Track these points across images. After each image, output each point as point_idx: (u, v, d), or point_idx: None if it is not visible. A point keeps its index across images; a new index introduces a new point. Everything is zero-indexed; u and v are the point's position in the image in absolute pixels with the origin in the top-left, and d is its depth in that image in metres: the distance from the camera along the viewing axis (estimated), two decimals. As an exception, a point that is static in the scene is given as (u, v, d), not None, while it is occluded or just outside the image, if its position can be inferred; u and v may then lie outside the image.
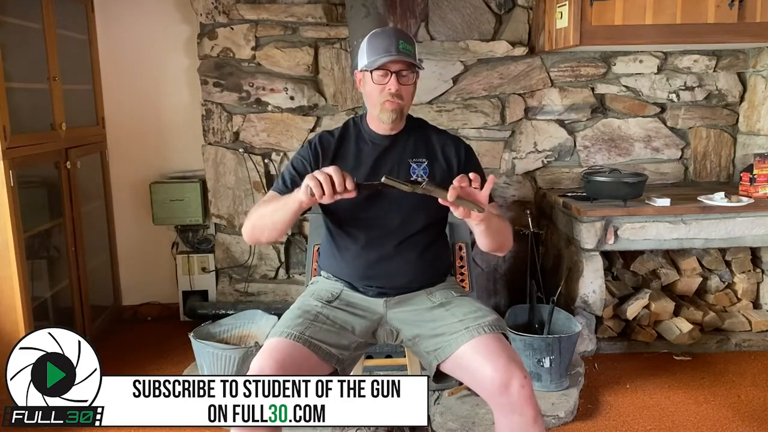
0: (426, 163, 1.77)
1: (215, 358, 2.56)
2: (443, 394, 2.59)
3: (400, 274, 1.78)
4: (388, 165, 1.76)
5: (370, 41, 1.71)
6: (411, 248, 1.78)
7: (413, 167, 1.76)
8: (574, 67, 3.35)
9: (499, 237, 1.70)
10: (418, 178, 1.74)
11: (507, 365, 1.54)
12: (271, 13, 3.21)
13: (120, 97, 3.46)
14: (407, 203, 1.72)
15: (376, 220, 1.75)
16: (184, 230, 3.54)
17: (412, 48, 1.71)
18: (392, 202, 1.73)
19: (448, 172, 1.75)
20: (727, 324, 3.18)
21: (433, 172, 1.76)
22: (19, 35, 2.67)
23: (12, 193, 2.43)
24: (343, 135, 1.81)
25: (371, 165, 1.76)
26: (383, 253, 1.77)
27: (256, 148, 3.36)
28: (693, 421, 2.48)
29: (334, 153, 1.77)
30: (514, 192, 3.46)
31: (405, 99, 1.73)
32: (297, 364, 1.59)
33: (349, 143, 1.80)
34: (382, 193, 1.69)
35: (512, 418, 1.54)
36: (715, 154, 3.50)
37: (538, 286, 3.00)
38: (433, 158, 1.78)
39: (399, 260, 1.77)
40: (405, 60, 1.67)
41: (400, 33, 1.72)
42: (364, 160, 1.77)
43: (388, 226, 1.76)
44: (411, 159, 1.77)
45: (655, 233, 2.92)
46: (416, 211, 1.75)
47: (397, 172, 1.74)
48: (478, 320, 1.67)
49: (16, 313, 2.49)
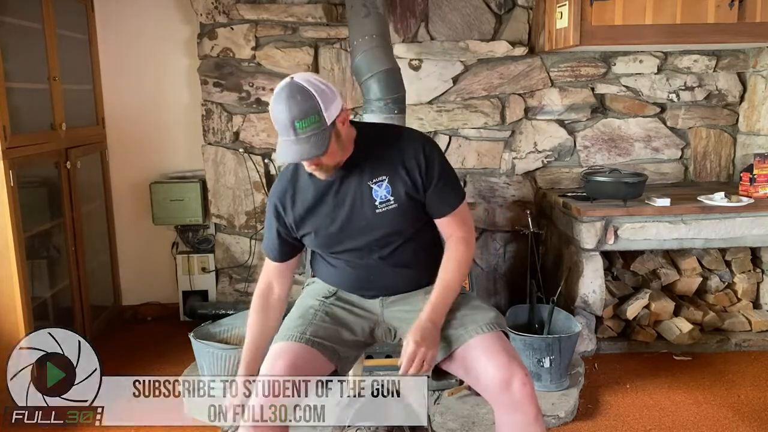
0: (387, 179, 1.67)
1: (215, 358, 2.56)
2: (443, 394, 2.59)
3: (393, 282, 1.77)
4: (349, 197, 1.68)
5: (272, 113, 1.57)
6: (398, 258, 1.75)
7: (374, 189, 1.67)
8: (574, 67, 3.35)
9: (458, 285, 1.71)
10: (380, 203, 1.68)
11: (508, 364, 1.54)
12: (271, 13, 3.21)
13: (120, 97, 3.46)
14: (376, 227, 1.69)
15: (356, 249, 1.73)
16: (184, 230, 3.54)
17: (312, 119, 1.52)
18: (362, 232, 1.70)
19: (411, 184, 1.67)
20: (727, 324, 3.18)
21: (396, 188, 1.67)
22: (19, 35, 2.67)
23: (12, 193, 2.43)
24: (295, 176, 1.73)
25: (333, 198, 1.69)
26: (371, 266, 1.75)
27: (256, 148, 3.36)
28: (693, 421, 2.48)
29: (292, 204, 1.72)
30: (514, 192, 3.46)
31: (327, 161, 1.59)
32: (309, 366, 1.60)
33: (303, 184, 1.71)
34: (354, 224, 1.69)
35: (513, 416, 1.54)
36: (715, 154, 3.50)
37: (538, 286, 3.00)
38: (393, 173, 1.67)
39: (388, 270, 1.75)
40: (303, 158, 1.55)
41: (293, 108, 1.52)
42: (325, 199, 1.69)
43: (368, 247, 1.73)
44: (370, 181, 1.67)
45: (655, 233, 2.92)
46: (391, 232, 1.71)
47: (360, 199, 1.68)
48: (478, 318, 1.67)
49: (16, 313, 2.49)
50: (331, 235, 1.71)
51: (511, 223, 3.44)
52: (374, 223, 1.68)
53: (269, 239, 1.81)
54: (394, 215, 1.68)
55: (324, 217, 1.70)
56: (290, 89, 1.54)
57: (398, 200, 1.67)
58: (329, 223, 1.70)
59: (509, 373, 1.53)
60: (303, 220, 1.72)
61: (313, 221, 1.71)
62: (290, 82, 1.55)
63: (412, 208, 1.69)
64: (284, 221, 1.75)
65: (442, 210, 1.72)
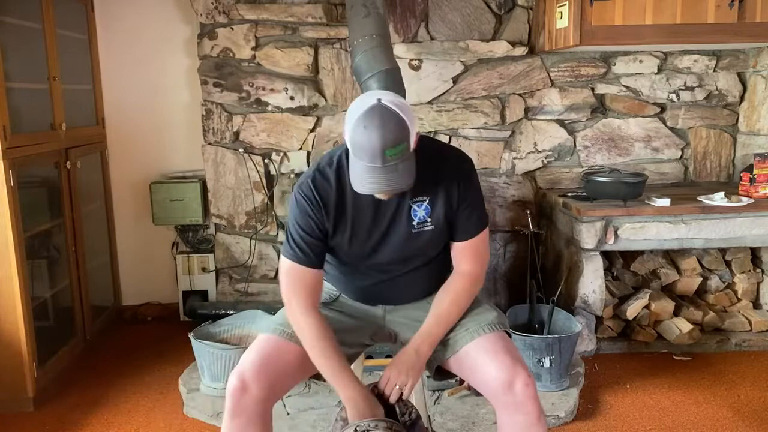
0: (427, 200, 1.63)
1: (215, 358, 2.56)
2: (443, 394, 2.59)
3: (399, 295, 1.76)
4: (389, 212, 1.63)
5: (356, 133, 1.45)
6: (413, 276, 1.73)
7: (414, 209, 1.63)
8: (574, 67, 3.35)
9: (453, 319, 1.67)
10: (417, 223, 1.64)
11: (512, 364, 1.54)
12: (271, 13, 3.21)
13: (120, 97, 3.46)
14: (407, 247, 1.66)
15: (377, 264, 1.70)
16: (184, 230, 3.54)
17: (402, 147, 1.44)
18: (392, 249, 1.66)
19: (448, 207, 1.64)
20: (727, 324, 3.18)
21: (435, 211, 1.64)
22: (19, 35, 2.67)
23: (12, 193, 2.43)
24: (339, 179, 1.61)
25: (372, 215, 1.63)
26: (383, 281, 1.73)
27: (256, 148, 3.36)
28: (693, 421, 2.48)
29: (335, 204, 1.61)
30: (514, 192, 3.46)
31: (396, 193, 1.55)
32: (285, 361, 1.59)
33: (347, 189, 1.61)
34: (389, 240, 1.64)
35: (516, 417, 1.54)
36: (715, 154, 3.50)
37: (538, 286, 3.00)
38: (434, 194, 1.63)
39: (400, 285, 1.74)
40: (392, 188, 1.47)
41: (387, 135, 1.42)
42: (365, 210, 1.63)
43: (389, 264, 1.70)
44: (411, 200, 1.62)
45: (655, 233, 2.92)
46: (418, 253, 1.69)
47: (399, 217, 1.63)
48: (481, 319, 1.67)
49: (16, 313, 2.49)
50: (364, 249, 1.66)
51: (511, 223, 3.44)
52: (406, 243, 1.65)
53: (305, 240, 1.60)
54: (428, 237, 1.66)
55: (361, 229, 1.63)
56: (382, 115, 1.43)
57: (435, 222, 1.64)
58: (365, 237, 1.64)
59: (512, 374, 1.53)
60: (341, 225, 1.63)
61: (349, 230, 1.63)
62: (380, 106, 1.44)
63: (445, 231, 1.67)
64: (323, 217, 1.61)
65: (462, 235, 1.68)
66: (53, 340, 2.83)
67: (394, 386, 1.56)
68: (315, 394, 2.60)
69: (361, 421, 1.48)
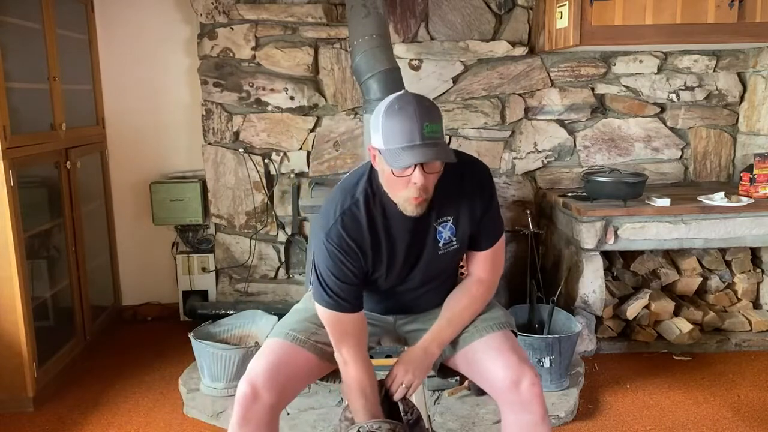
0: (451, 220, 1.59)
1: (215, 358, 2.56)
2: (443, 394, 2.59)
3: (416, 307, 1.75)
4: (419, 240, 1.59)
5: (389, 120, 1.40)
6: (431, 290, 1.72)
7: (439, 230, 1.59)
8: (574, 67, 3.35)
9: (465, 321, 1.66)
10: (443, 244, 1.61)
11: (518, 363, 1.54)
12: (271, 13, 3.21)
13: (120, 97, 3.46)
14: (433, 268, 1.64)
15: (412, 283, 1.67)
16: (184, 230, 3.54)
17: (439, 126, 1.40)
18: (420, 270, 1.63)
19: (473, 221, 1.61)
20: (727, 324, 3.18)
21: (460, 229, 1.60)
22: (19, 35, 2.67)
23: (12, 193, 2.43)
24: (369, 216, 1.54)
25: (405, 248, 1.58)
26: (399, 293, 1.71)
27: (256, 148, 3.36)
28: (693, 421, 2.48)
29: (370, 245, 1.54)
30: (514, 192, 3.46)
31: (431, 189, 1.47)
32: (295, 367, 1.58)
33: (377, 226, 1.55)
34: (419, 266, 1.61)
35: (521, 416, 1.54)
36: (715, 154, 3.50)
37: (538, 286, 3.00)
38: (458, 213, 1.60)
39: (417, 299, 1.72)
40: (434, 158, 1.39)
41: (423, 111, 1.39)
42: (397, 240, 1.57)
43: (412, 281, 1.67)
44: (436, 222, 1.58)
45: (655, 233, 2.92)
46: (441, 271, 1.68)
47: (426, 239, 1.60)
48: (487, 317, 1.67)
49: (16, 313, 2.49)
50: (399, 276, 1.63)
51: (511, 223, 3.44)
52: (432, 265, 1.62)
53: (342, 289, 1.53)
54: (453, 255, 1.64)
55: (398, 259, 1.59)
56: (414, 96, 1.42)
57: (460, 241, 1.62)
58: (401, 266, 1.60)
59: (518, 373, 1.52)
60: (378, 263, 1.58)
61: (386, 263, 1.58)
62: (409, 92, 1.45)
63: (467, 244, 1.65)
64: (359, 264, 1.54)
65: (483, 245, 1.66)
66: (53, 340, 2.83)
67: (400, 384, 1.55)
68: (315, 394, 2.60)
69: (365, 422, 1.48)
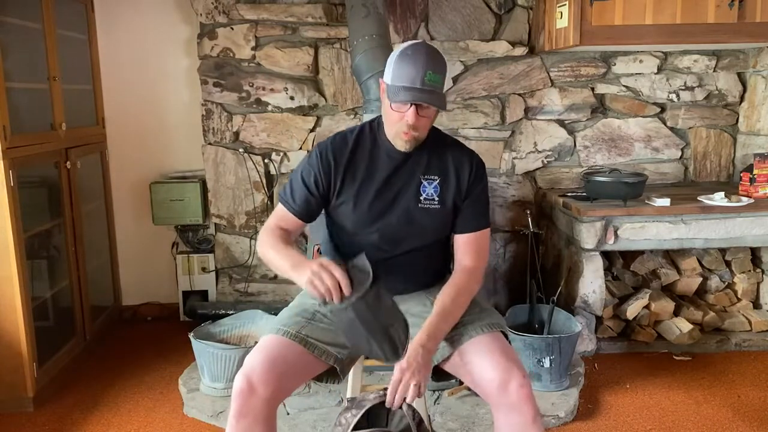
0: (438, 181, 1.71)
1: (215, 358, 2.56)
2: (443, 394, 2.59)
3: (401, 278, 1.77)
4: (400, 182, 1.71)
5: (399, 62, 1.58)
6: (411, 259, 1.76)
7: (424, 185, 1.70)
8: (574, 67, 3.35)
9: (457, 313, 1.66)
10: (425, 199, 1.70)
11: (506, 365, 1.54)
12: (271, 13, 3.22)
13: (120, 97, 3.46)
14: (410, 221, 1.71)
15: (385, 232, 1.72)
16: (184, 230, 3.54)
17: (440, 78, 1.58)
18: (396, 220, 1.71)
19: (457, 192, 1.71)
20: (727, 324, 3.18)
21: (444, 192, 1.71)
22: (19, 35, 2.67)
23: (12, 193, 2.43)
24: (357, 142, 1.72)
25: (383, 181, 1.70)
26: (387, 257, 1.73)
27: (256, 148, 3.36)
28: (693, 421, 2.48)
29: (346, 165, 1.70)
30: (514, 192, 3.46)
31: (421, 130, 1.63)
32: (289, 362, 1.59)
33: (363, 152, 1.72)
34: (394, 209, 1.69)
35: (511, 417, 1.54)
36: (715, 154, 3.50)
37: (538, 286, 3.00)
38: (445, 176, 1.71)
39: (402, 265, 1.75)
40: (426, 102, 1.56)
41: (429, 61, 1.56)
42: (376, 175, 1.71)
43: (390, 239, 1.73)
44: (423, 176, 1.70)
45: (655, 233, 2.92)
46: (418, 229, 1.73)
47: (408, 188, 1.71)
48: (477, 319, 1.67)
49: (16, 313, 2.49)
50: (370, 212, 1.70)
51: (511, 223, 3.44)
52: (410, 216, 1.69)
53: (299, 190, 1.70)
54: (431, 216, 1.70)
55: (369, 191, 1.69)
56: (427, 46, 1.60)
57: (441, 203, 1.70)
58: (372, 199, 1.69)
59: (507, 375, 1.52)
60: (349, 186, 1.70)
61: (357, 191, 1.69)
62: (424, 42, 1.63)
63: (448, 215, 1.72)
64: (330, 177, 1.69)
65: (467, 227, 1.73)
66: (53, 340, 2.83)
67: (408, 387, 1.51)
68: (315, 394, 2.60)
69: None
